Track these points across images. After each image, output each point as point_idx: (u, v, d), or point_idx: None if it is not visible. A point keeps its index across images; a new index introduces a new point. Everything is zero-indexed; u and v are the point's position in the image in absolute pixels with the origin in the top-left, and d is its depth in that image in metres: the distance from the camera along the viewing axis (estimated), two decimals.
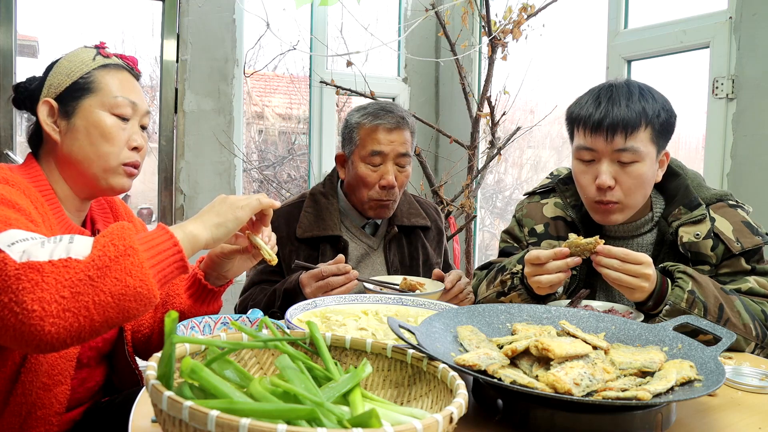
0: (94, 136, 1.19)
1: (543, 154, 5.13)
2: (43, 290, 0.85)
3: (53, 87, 1.21)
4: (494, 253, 3.10)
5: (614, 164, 1.37)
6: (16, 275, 0.85)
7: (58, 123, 1.20)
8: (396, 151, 1.71)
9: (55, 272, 0.86)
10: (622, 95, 1.37)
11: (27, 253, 0.88)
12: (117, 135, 1.21)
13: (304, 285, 1.53)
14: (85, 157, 1.19)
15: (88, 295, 0.86)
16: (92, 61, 1.22)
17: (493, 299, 1.48)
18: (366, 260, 1.79)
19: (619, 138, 1.34)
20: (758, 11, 2.15)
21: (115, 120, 1.21)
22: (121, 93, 1.22)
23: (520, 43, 2.81)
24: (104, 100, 1.20)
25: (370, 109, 1.75)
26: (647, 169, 1.37)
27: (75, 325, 0.86)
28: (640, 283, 1.23)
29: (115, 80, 1.23)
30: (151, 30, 3.17)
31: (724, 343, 0.96)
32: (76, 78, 1.20)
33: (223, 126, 3.08)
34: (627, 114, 1.34)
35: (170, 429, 0.60)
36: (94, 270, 0.87)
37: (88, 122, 1.19)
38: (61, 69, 1.22)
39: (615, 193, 1.38)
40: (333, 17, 3.41)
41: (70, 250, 0.89)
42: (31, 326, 0.84)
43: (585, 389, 0.81)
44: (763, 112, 2.14)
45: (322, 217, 1.75)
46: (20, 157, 2.71)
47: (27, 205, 1.06)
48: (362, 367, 0.73)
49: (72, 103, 1.20)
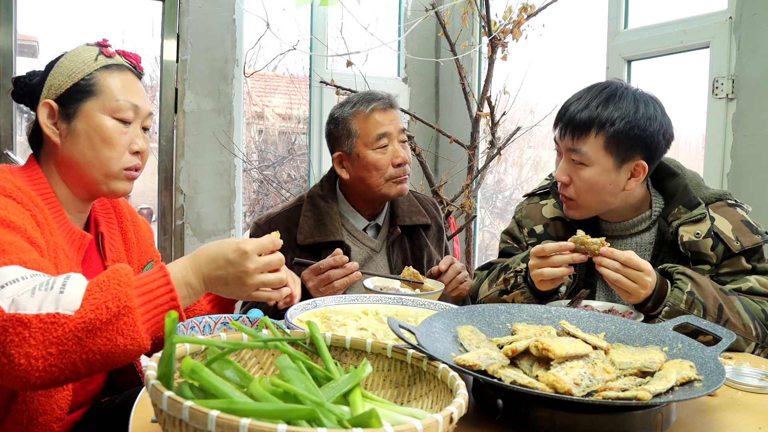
0: (95, 140, 1.17)
1: (543, 154, 5.13)
2: (30, 346, 0.84)
3: (54, 88, 1.18)
4: (494, 253, 3.10)
5: (569, 163, 1.42)
6: (3, 326, 0.84)
7: (59, 125, 1.18)
8: (397, 127, 1.74)
9: (42, 329, 0.85)
10: (596, 97, 1.38)
11: (15, 304, 0.86)
12: (118, 139, 1.18)
13: (305, 280, 1.54)
14: (85, 161, 1.17)
15: (75, 353, 0.86)
16: (94, 61, 1.19)
17: (495, 298, 1.48)
18: (369, 263, 1.78)
19: (568, 138, 1.40)
20: (758, 11, 2.15)
21: (116, 124, 1.18)
22: (124, 96, 1.19)
23: (520, 43, 2.81)
24: (106, 104, 1.18)
25: (357, 99, 1.76)
26: (596, 175, 1.38)
27: (61, 378, 0.87)
28: (638, 289, 1.24)
29: (117, 82, 1.20)
30: (151, 30, 3.18)
31: (724, 343, 0.96)
32: (77, 79, 1.17)
33: (223, 126, 3.07)
34: (581, 116, 1.37)
35: (170, 429, 0.60)
36: (83, 332, 0.86)
37: (89, 126, 1.17)
38: (62, 69, 1.19)
39: (569, 190, 1.43)
40: (333, 17, 3.41)
41: (59, 302, 0.86)
42: (17, 377, 0.85)
43: (585, 389, 0.81)
44: (763, 112, 2.14)
45: (323, 222, 1.74)
46: (20, 157, 2.71)
47: (23, 221, 1.03)
48: (362, 367, 0.73)
49: (73, 105, 1.17)
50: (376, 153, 1.71)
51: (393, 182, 1.73)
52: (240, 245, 1.02)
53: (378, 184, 1.72)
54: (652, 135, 1.36)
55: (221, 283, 1.03)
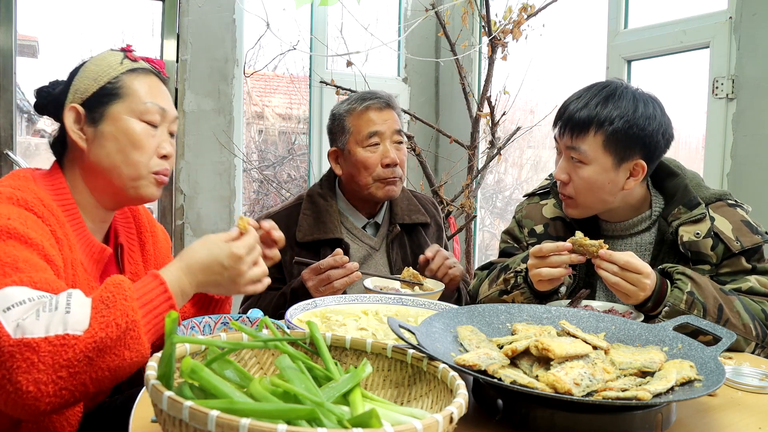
0: (123, 143, 1.14)
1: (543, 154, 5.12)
2: (39, 371, 0.82)
3: (79, 92, 1.16)
4: (494, 253, 3.10)
5: (568, 161, 1.42)
6: (10, 352, 0.82)
7: (85, 130, 1.15)
8: (391, 128, 1.73)
9: (52, 352, 0.83)
10: (595, 96, 1.39)
11: (21, 328, 0.83)
12: (147, 142, 1.16)
13: (305, 280, 1.54)
14: (113, 165, 1.15)
15: (85, 374, 0.85)
16: (120, 65, 1.17)
17: (495, 298, 1.48)
18: (369, 261, 1.78)
19: (567, 136, 1.40)
20: (758, 11, 2.15)
21: (144, 127, 1.16)
22: (151, 98, 1.17)
23: (520, 43, 2.81)
24: (133, 106, 1.16)
25: (355, 97, 1.77)
26: (595, 174, 1.38)
27: (71, 400, 0.86)
28: (637, 292, 1.24)
29: (144, 85, 1.18)
30: (151, 30, 3.17)
31: (724, 343, 0.96)
32: (103, 83, 1.15)
33: (223, 126, 3.07)
34: (580, 115, 1.38)
35: (170, 429, 0.60)
36: (94, 351, 0.85)
37: (116, 129, 1.14)
38: (88, 73, 1.17)
39: (568, 188, 1.44)
40: (333, 17, 3.41)
41: (67, 323, 0.85)
42: (25, 405, 0.83)
43: (585, 389, 0.81)
44: (763, 112, 2.14)
45: (322, 220, 1.74)
46: (20, 157, 2.71)
47: (42, 237, 1.00)
48: (362, 367, 0.73)
49: (99, 108, 1.15)
50: (365, 151, 1.71)
51: (381, 183, 1.72)
52: (233, 250, 1.04)
53: (366, 183, 1.72)
54: (651, 134, 1.36)
55: (214, 286, 1.06)
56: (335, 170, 1.80)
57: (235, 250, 1.04)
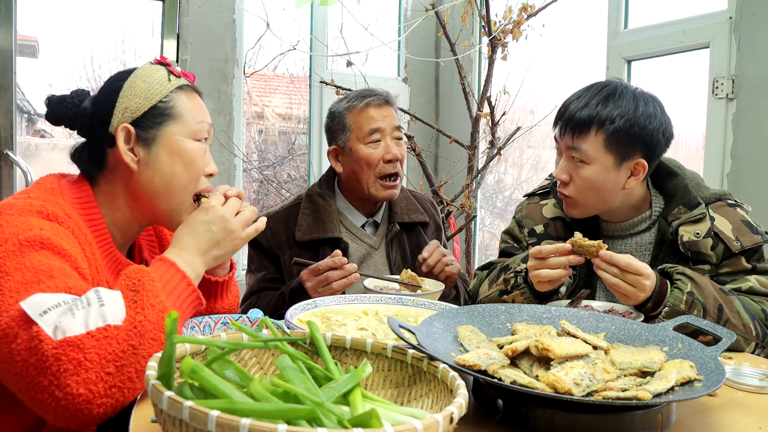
0: (178, 166, 1.13)
1: (543, 154, 5.12)
2: (87, 370, 0.80)
3: (129, 111, 1.11)
4: (494, 253, 3.10)
5: (569, 161, 1.42)
6: (55, 355, 0.79)
7: (136, 150, 1.11)
8: (391, 124, 1.74)
9: (97, 347, 0.81)
10: (595, 96, 1.39)
11: (61, 329, 0.81)
12: (200, 163, 1.15)
13: (304, 280, 1.54)
14: (165, 187, 1.13)
15: (131, 366, 0.84)
16: (168, 82, 1.14)
17: (495, 298, 1.48)
18: (368, 260, 1.78)
19: (568, 136, 1.40)
20: (758, 11, 2.15)
21: (197, 146, 1.15)
22: (201, 117, 1.16)
23: (520, 43, 2.81)
24: (188, 128, 1.14)
25: (354, 94, 1.78)
26: (596, 173, 1.38)
27: (121, 399, 0.83)
28: (636, 293, 1.25)
29: (192, 103, 1.16)
30: (151, 30, 3.17)
31: (724, 343, 0.96)
32: (155, 102, 1.12)
33: (223, 126, 3.07)
34: (581, 115, 1.37)
35: (170, 429, 0.60)
36: (136, 338, 0.84)
37: (172, 151, 1.12)
38: (137, 90, 1.12)
39: (569, 188, 1.43)
40: (333, 17, 3.41)
41: (105, 315, 0.84)
42: (77, 411, 0.80)
43: (585, 389, 0.81)
44: (763, 112, 2.14)
45: (321, 219, 1.74)
46: (20, 157, 2.71)
47: (74, 250, 0.99)
48: (362, 367, 0.73)
49: (152, 129, 1.11)
50: (367, 147, 1.72)
51: (382, 184, 1.73)
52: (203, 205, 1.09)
53: (368, 180, 1.73)
54: (651, 133, 1.36)
55: (215, 247, 1.07)
56: (336, 168, 1.80)
57: (204, 204, 1.09)
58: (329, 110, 1.82)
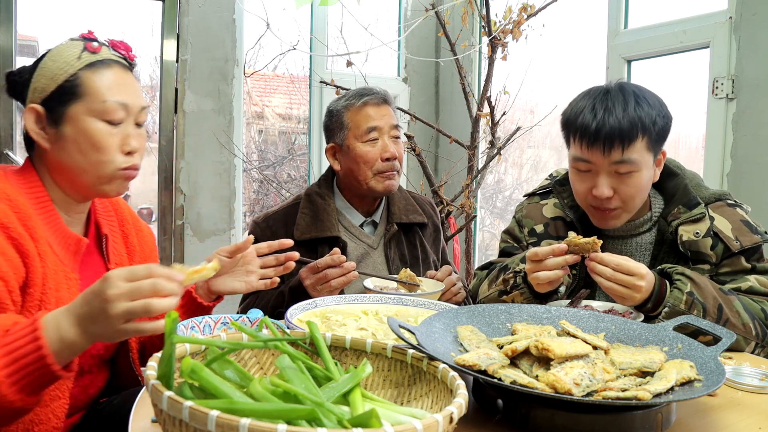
0: (84, 145, 1.11)
1: (543, 154, 5.13)
2: None
3: (38, 91, 1.12)
4: (494, 253, 3.10)
5: (612, 176, 1.35)
6: None
7: (47, 130, 1.12)
8: (389, 123, 1.75)
9: None
10: (618, 103, 1.33)
11: None
12: (108, 142, 1.12)
13: (303, 278, 1.55)
14: (77, 166, 1.12)
15: None
16: (77, 60, 1.11)
17: (495, 298, 1.48)
18: (366, 259, 1.79)
19: (616, 151, 1.32)
20: (758, 11, 2.15)
21: (104, 126, 1.11)
22: (111, 96, 1.12)
23: (520, 43, 2.81)
24: (92, 106, 1.11)
25: (352, 93, 1.78)
26: (644, 176, 1.37)
27: None
28: (632, 294, 1.24)
29: (104, 81, 1.12)
30: (151, 30, 3.17)
31: (724, 343, 0.96)
32: (60, 81, 1.10)
33: (223, 126, 3.07)
34: (623, 125, 1.31)
35: (170, 429, 0.60)
36: None
37: (76, 130, 1.10)
38: (45, 71, 1.12)
39: (614, 201, 1.37)
40: (333, 17, 3.41)
41: None
42: None
43: (585, 389, 0.81)
44: (763, 112, 2.14)
45: (320, 218, 1.75)
46: (20, 157, 2.71)
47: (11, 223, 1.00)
48: (362, 367, 0.73)
49: (59, 109, 1.11)
50: (365, 146, 1.72)
51: (380, 177, 1.74)
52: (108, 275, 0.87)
53: (366, 177, 1.73)
54: (670, 120, 1.39)
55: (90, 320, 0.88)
56: (333, 166, 1.81)
57: (109, 274, 0.87)
58: (327, 108, 1.83)
